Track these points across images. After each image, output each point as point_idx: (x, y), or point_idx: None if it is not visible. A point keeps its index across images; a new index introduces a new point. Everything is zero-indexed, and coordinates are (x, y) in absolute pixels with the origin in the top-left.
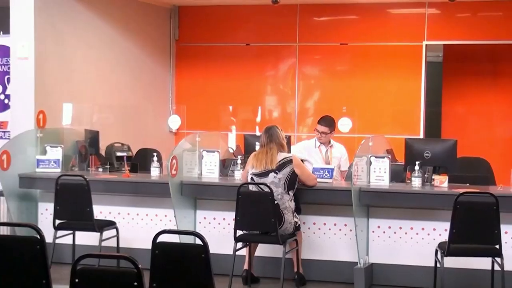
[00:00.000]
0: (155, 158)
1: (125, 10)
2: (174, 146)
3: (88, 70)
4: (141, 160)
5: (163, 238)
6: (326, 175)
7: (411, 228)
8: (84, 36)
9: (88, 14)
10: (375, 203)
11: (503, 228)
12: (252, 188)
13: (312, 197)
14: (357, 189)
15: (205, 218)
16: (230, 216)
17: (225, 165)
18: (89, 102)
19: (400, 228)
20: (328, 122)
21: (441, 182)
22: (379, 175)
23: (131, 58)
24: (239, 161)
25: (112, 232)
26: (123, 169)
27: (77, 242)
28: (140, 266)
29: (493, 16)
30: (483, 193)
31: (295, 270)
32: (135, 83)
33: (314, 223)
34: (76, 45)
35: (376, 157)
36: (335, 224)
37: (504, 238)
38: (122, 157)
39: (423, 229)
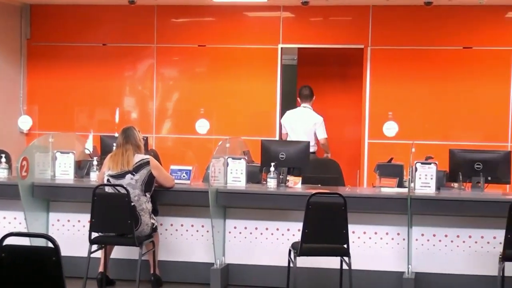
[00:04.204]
0: (3, 159)
1: None
2: (25, 147)
3: None
4: None
5: (12, 241)
6: (184, 176)
7: (266, 229)
8: None
9: None
10: (232, 204)
11: (351, 228)
12: (108, 189)
13: (169, 198)
14: (214, 190)
15: (58, 220)
16: (86, 218)
17: (81, 167)
18: None
19: (256, 228)
20: None
21: (295, 183)
22: (236, 176)
23: None
24: (95, 163)
25: None
26: None
27: None
28: None
29: (343, 21)
30: (333, 193)
31: (152, 271)
32: None
33: (172, 225)
34: None
35: (233, 158)
36: (192, 225)
37: (351, 237)
38: None
39: (277, 229)
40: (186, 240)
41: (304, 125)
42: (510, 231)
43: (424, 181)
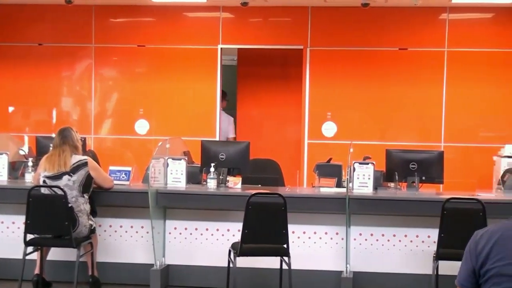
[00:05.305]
0: None
1: None
2: None
3: None
4: None
5: None
6: (123, 177)
7: (207, 229)
8: None
9: None
10: (172, 205)
11: (290, 227)
12: (44, 191)
13: (108, 199)
14: (154, 191)
15: None
16: (21, 219)
17: (15, 168)
18: None
19: (196, 229)
20: None
21: (235, 184)
22: (176, 176)
23: None
24: (30, 164)
25: None
26: None
27: None
28: None
29: (282, 22)
30: (272, 193)
31: (90, 273)
32: None
33: (111, 226)
34: None
35: (173, 159)
36: (131, 226)
37: (291, 237)
38: None
39: (217, 230)
40: (125, 241)
41: (222, 124)
42: (443, 230)
43: (362, 181)
